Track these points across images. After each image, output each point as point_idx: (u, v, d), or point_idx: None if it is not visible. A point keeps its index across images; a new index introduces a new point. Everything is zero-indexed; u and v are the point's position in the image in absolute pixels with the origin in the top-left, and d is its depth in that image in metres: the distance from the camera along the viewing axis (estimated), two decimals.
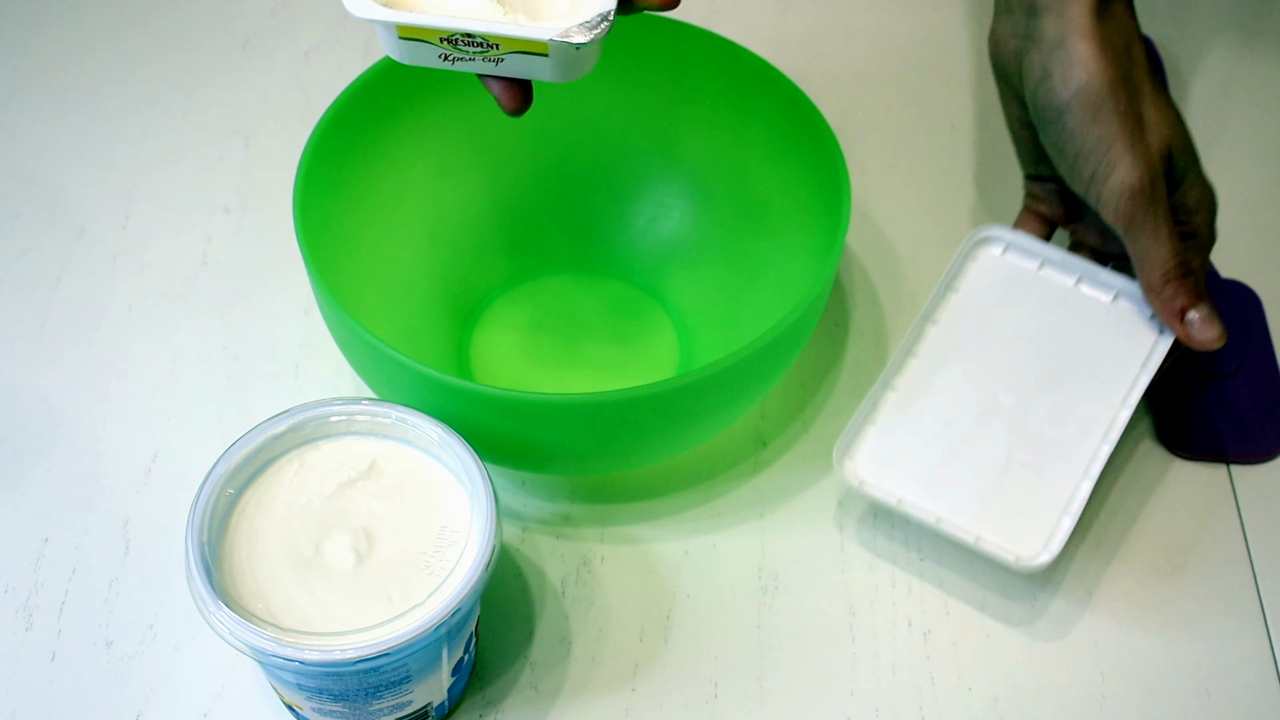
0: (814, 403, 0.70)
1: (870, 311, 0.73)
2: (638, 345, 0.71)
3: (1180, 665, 0.62)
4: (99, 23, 0.86)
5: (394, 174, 0.69)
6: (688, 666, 0.61)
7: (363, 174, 0.67)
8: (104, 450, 0.67)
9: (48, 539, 0.64)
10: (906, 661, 0.61)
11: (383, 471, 0.57)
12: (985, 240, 0.65)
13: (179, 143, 0.80)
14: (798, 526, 0.65)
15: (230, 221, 0.77)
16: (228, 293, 0.73)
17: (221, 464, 0.55)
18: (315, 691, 0.54)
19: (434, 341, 0.69)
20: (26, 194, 0.77)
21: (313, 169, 0.63)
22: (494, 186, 0.73)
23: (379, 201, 0.69)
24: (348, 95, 0.66)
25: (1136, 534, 0.65)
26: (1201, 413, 0.67)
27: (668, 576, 0.64)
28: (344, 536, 0.55)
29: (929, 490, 0.60)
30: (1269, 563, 0.65)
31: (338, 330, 0.61)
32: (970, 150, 0.81)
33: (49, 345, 0.71)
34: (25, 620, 0.62)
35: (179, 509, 0.60)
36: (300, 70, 0.84)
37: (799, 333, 0.62)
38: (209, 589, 0.52)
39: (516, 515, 0.66)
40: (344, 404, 0.57)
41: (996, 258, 0.64)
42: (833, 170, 0.64)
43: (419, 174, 0.70)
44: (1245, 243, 0.75)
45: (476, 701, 0.60)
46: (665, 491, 0.66)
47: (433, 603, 0.52)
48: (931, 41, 0.86)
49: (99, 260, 0.75)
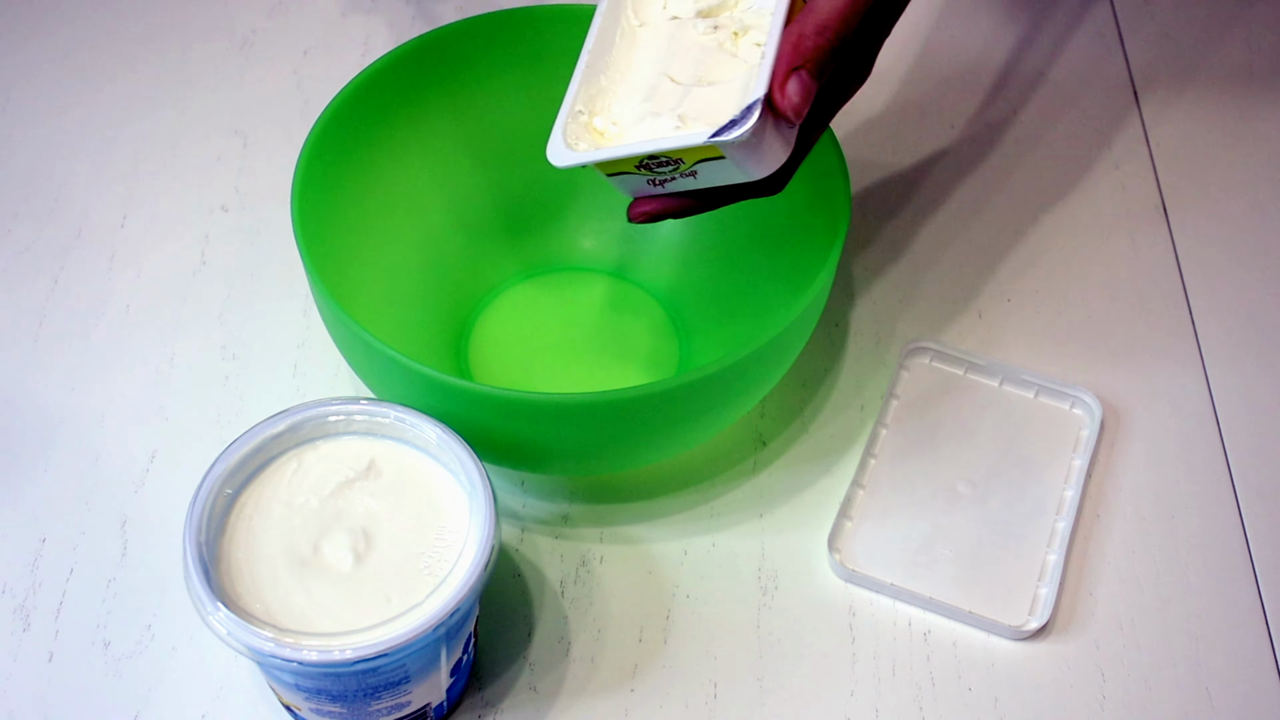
0: (813, 403, 0.70)
1: (869, 311, 0.73)
2: (637, 345, 0.71)
3: (1180, 665, 0.61)
4: (97, 22, 0.86)
5: (392, 173, 0.69)
6: (687, 667, 0.61)
7: (361, 173, 0.67)
8: (102, 450, 0.67)
9: (45, 539, 0.64)
10: (906, 661, 0.61)
11: (381, 471, 0.57)
12: (915, 351, 0.71)
13: (177, 142, 0.80)
14: (797, 526, 0.65)
15: (228, 221, 0.76)
16: (226, 292, 0.73)
17: (219, 464, 0.55)
18: (313, 692, 0.54)
19: (432, 341, 0.69)
20: (24, 193, 0.77)
21: (311, 168, 0.63)
22: (492, 185, 0.73)
23: (377, 201, 0.68)
24: (346, 95, 0.66)
25: (1135, 533, 0.65)
26: None
27: (667, 577, 0.64)
28: (342, 537, 0.55)
29: (915, 574, 0.64)
30: (1269, 562, 0.65)
31: (336, 330, 0.61)
32: (969, 149, 0.81)
33: (47, 345, 0.71)
34: (23, 621, 0.62)
35: (177, 509, 0.60)
36: (298, 69, 0.84)
37: (798, 333, 0.62)
38: (207, 589, 0.52)
39: (515, 515, 0.66)
40: (342, 404, 0.57)
41: (927, 365, 0.71)
42: (832, 169, 0.64)
43: (417, 173, 0.70)
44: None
45: (475, 702, 0.60)
46: (664, 491, 0.66)
47: (431, 603, 0.52)
48: (931, 40, 0.86)
49: (97, 260, 0.74)
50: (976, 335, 0.73)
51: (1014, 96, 0.84)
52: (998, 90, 0.84)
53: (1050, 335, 0.73)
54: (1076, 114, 0.83)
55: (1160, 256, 0.76)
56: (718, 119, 0.54)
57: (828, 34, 0.54)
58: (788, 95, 0.54)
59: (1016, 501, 0.66)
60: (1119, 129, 0.82)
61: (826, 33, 0.54)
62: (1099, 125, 0.83)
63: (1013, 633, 0.62)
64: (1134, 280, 0.75)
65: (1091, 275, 0.75)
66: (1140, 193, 0.79)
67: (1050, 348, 0.72)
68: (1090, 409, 0.68)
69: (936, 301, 0.74)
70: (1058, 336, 0.73)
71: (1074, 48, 0.86)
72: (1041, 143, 0.81)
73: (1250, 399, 0.70)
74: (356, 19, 0.86)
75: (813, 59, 0.54)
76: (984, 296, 0.74)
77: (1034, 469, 0.67)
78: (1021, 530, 0.65)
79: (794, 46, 0.54)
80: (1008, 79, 0.85)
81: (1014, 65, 0.85)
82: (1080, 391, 0.69)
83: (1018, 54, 0.86)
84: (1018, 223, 0.78)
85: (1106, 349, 0.72)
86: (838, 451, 0.68)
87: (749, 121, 0.53)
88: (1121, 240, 0.77)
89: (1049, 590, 0.63)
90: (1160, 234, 0.77)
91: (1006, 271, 0.75)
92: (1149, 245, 0.77)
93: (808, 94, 0.54)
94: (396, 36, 0.85)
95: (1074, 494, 0.66)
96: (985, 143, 0.81)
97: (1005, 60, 0.86)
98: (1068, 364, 0.71)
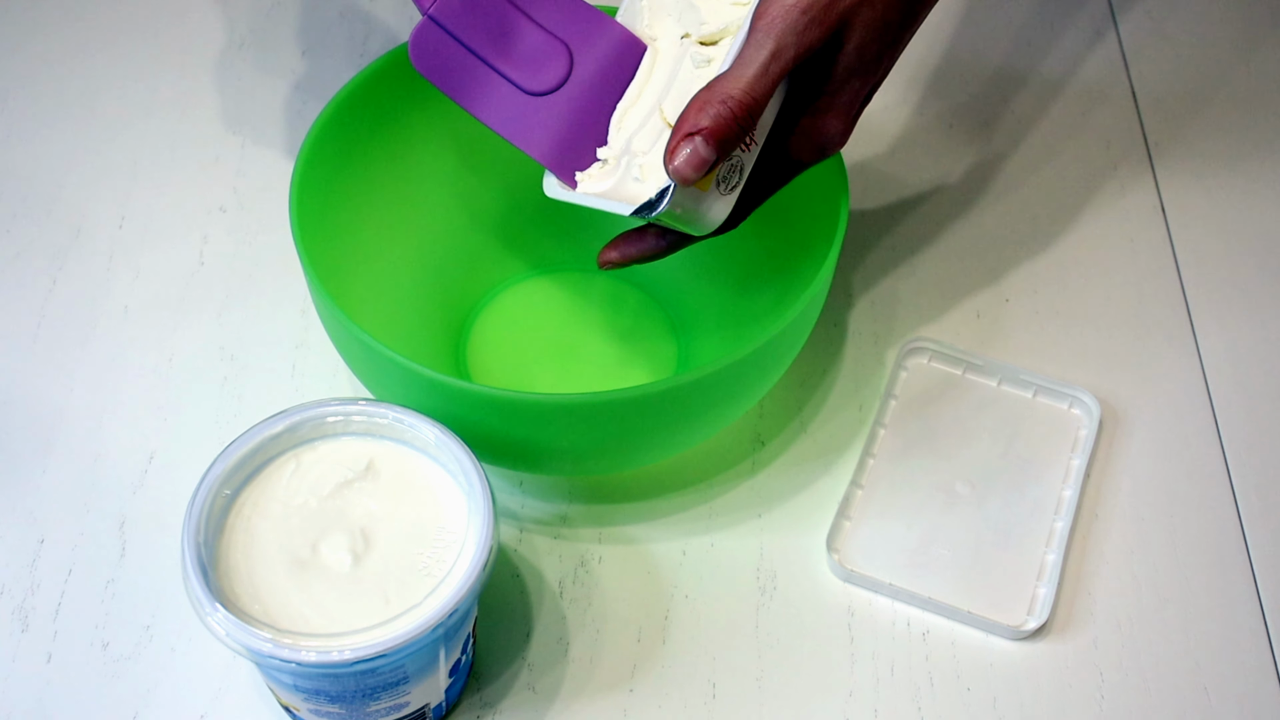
0: (812, 403, 0.70)
1: (868, 311, 0.73)
2: (635, 345, 0.71)
3: (1180, 665, 0.61)
4: (96, 23, 0.86)
5: (390, 174, 0.69)
6: (686, 667, 0.61)
7: (359, 174, 0.67)
8: (100, 451, 0.67)
9: (44, 540, 0.64)
10: (905, 661, 0.61)
11: (379, 472, 0.57)
12: (913, 351, 0.71)
13: (175, 143, 0.80)
14: (796, 526, 0.65)
15: (226, 222, 0.76)
16: (224, 293, 0.73)
17: (218, 465, 0.55)
18: (312, 693, 0.54)
19: (430, 341, 0.69)
20: (22, 194, 0.77)
21: (309, 169, 0.63)
22: (491, 185, 0.73)
23: (375, 202, 0.68)
24: (344, 96, 0.66)
25: (1134, 533, 0.65)
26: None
27: (666, 577, 0.64)
28: (341, 537, 0.54)
29: (913, 574, 0.64)
30: (1267, 561, 0.65)
31: (334, 330, 0.61)
32: (969, 150, 0.81)
33: (45, 346, 0.71)
34: (21, 621, 0.62)
35: (175, 510, 0.60)
36: (297, 71, 0.84)
37: (797, 333, 0.62)
38: (205, 590, 0.52)
39: (514, 516, 0.66)
40: (341, 404, 0.57)
41: (925, 365, 0.71)
42: (831, 169, 0.64)
43: (416, 174, 0.70)
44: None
45: (474, 702, 0.60)
46: (663, 492, 0.66)
47: (430, 604, 0.52)
48: (930, 39, 0.86)
49: (95, 261, 0.74)
50: (975, 335, 0.73)
51: (1013, 98, 0.84)
52: (997, 92, 0.84)
53: (1049, 335, 0.73)
54: (1075, 115, 0.83)
55: (1159, 257, 0.76)
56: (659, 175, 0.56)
57: (730, 103, 0.54)
58: (676, 162, 0.54)
59: (1015, 501, 0.66)
60: (1118, 129, 0.82)
61: (729, 101, 0.54)
62: (1098, 126, 0.83)
63: (1011, 632, 0.62)
64: (1132, 280, 0.75)
65: (1090, 275, 0.75)
66: (1139, 193, 0.79)
67: (1049, 347, 0.72)
68: (1089, 409, 0.68)
69: (935, 301, 0.74)
70: (1056, 336, 0.73)
71: (1073, 50, 0.86)
72: (1040, 144, 0.81)
73: (1249, 399, 0.70)
74: (355, 19, 0.86)
75: (710, 127, 0.54)
76: (982, 296, 0.74)
77: (1032, 469, 0.67)
78: (1020, 530, 0.65)
79: (694, 112, 0.55)
80: (1007, 81, 0.85)
81: (1013, 67, 0.85)
82: (1079, 391, 0.69)
83: (1017, 56, 0.86)
84: (1016, 223, 0.78)
85: (1105, 349, 0.72)
86: (836, 451, 0.68)
87: (661, 205, 0.54)
88: (1120, 241, 0.77)
89: (1047, 590, 0.63)
90: (1159, 234, 0.77)
91: (1005, 271, 0.75)
92: (1148, 246, 0.77)
93: (700, 163, 0.54)
94: (395, 37, 0.85)
95: (1072, 494, 0.66)
96: (984, 144, 0.81)
97: (1004, 62, 0.86)
98: (1066, 364, 0.71)
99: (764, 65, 0.55)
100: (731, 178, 0.56)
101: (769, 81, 0.55)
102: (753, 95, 0.54)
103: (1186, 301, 0.74)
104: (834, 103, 0.58)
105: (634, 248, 0.61)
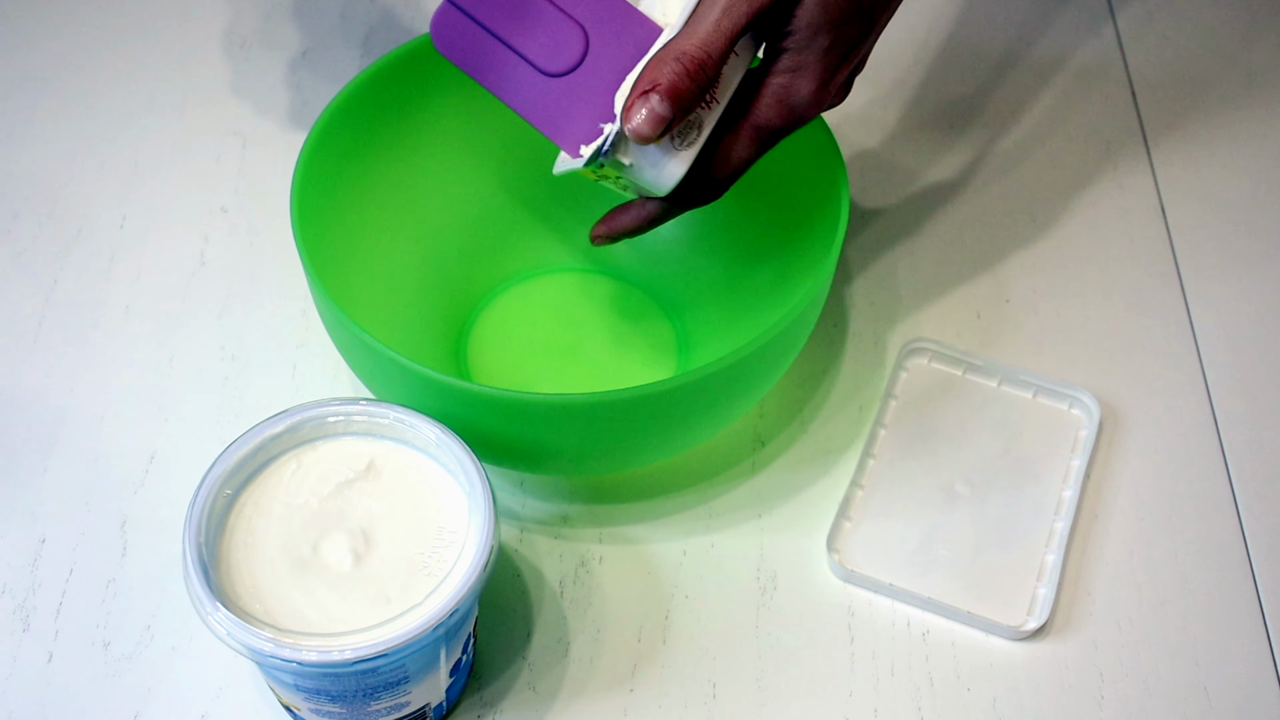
0: (812, 403, 0.70)
1: (868, 312, 0.73)
2: (636, 345, 0.71)
3: (1179, 665, 0.61)
4: (96, 23, 0.86)
5: (391, 174, 0.69)
6: (686, 667, 0.61)
7: (360, 174, 0.67)
8: (101, 451, 0.67)
9: (45, 540, 0.64)
10: (905, 661, 0.61)
11: (380, 472, 0.57)
12: (913, 351, 0.71)
13: (176, 143, 0.80)
14: (796, 526, 0.65)
15: (227, 222, 0.76)
16: (225, 293, 0.73)
17: (219, 464, 0.55)
18: (313, 692, 0.54)
19: (431, 341, 0.69)
20: (24, 194, 0.77)
21: (310, 169, 0.63)
22: (491, 185, 0.73)
23: (376, 202, 0.68)
24: (344, 96, 0.66)
25: (1134, 533, 0.65)
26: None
27: (666, 577, 0.64)
28: (342, 537, 0.55)
29: (913, 574, 0.64)
30: (1267, 562, 0.65)
31: (335, 330, 0.61)
32: (968, 150, 0.81)
33: (46, 346, 0.71)
34: (22, 621, 0.62)
35: (176, 510, 0.60)
36: (297, 71, 0.84)
37: (797, 333, 0.62)
38: (206, 590, 0.52)
39: (514, 515, 0.66)
40: (341, 404, 0.57)
41: (925, 366, 0.71)
42: (831, 169, 0.64)
43: (416, 174, 0.70)
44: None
45: (474, 702, 0.60)
46: (663, 492, 0.66)
47: (430, 603, 0.52)
48: (930, 39, 0.86)
49: (96, 261, 0.74)
50: (975, 335, 0.73)
51: (1012, 97, 0.84)
52: (996, 90, 0.84)
53: (1049, 335, 0.73)
54: (1075, 114, 0.83)
55: (1158, 257, 0.76)
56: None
57: (684, 59, 0.54)
58: (634, 122, 0.55)
59: (1015, 502, 0.66)
60: (1117, 129, 0.82)
61: (683, 58, 0.54)
62: (1097, 125, 0.83)
63: (1011, 633, 0.62)
64: (1132, 281, 0.75)
65: (1090, 276, 0.75)
66: (1138, 193, 0.79)
67: (1049, 348, 0.72)
68: (1089, 409, 0.69)
69: (935, 302, 0.74)
70: (1056, 337, 0.73)
71: (1073, 48, 0.86)
72: (1040, 143, 0.81)
73: (1248, 399, 0.70)
74: (356, 19, 0.86)
75: (665, 84, 0.54)
76: (983, 297, 0.74)
77: (1032, 469, 0.67)
78: (1020, 530, 0.65)
79: (650, 70, 0.55)
80: (1006, 79, 0.85)
81: (1013, 65, 0.85)
82: (1079, 392, 0.69)
83: (1016, 54, 0.86)
84: (1016, 223, 0.78)
85: (1105, 349, 0.72)
86: (836, 452, 0.68)
87: (604, 147, 0.55)
88: (1120, 241, 0.77)
89: (1047, 590, 0.63)
90: (1158, 234, 0.77)
91: (1005, 271, 0.75)
92: (1147, 245, 0.77)
93: (657, 119, 0.54)
94: (397, 37, 0.85)
95: (1072, 494, 0.66)
96: (984, 143, 0.81)
97: (1004, 60, 0.86)
98: (1066, 364, 0.71)
99: (716, 21, 0.55)
100: (689, 134, 0.56)
101: (721, 36, 0.55)
102: (706, 50, 0.54)
103: (1186, 301, 0.74)
104: (801, 61, 0.57)
105: (621, 219, 0.62)
